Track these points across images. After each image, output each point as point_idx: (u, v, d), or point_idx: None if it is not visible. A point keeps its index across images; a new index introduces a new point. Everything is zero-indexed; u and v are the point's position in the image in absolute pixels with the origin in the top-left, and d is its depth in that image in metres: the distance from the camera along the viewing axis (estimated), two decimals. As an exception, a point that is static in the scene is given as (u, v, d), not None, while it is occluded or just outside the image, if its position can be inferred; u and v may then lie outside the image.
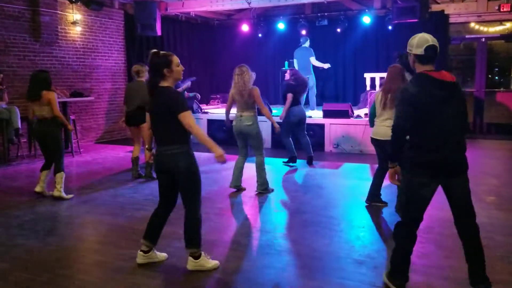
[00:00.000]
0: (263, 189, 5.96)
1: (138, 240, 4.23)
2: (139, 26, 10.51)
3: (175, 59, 3.57)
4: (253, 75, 5.89)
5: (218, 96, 12.64)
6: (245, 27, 12.96)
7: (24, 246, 4.18)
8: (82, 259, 3.88)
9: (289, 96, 7.34)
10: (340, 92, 12.83)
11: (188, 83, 8.77)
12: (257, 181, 5.98)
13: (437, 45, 3.16)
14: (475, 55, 11.79)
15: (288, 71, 8.09)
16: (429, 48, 3.11)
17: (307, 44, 10.79)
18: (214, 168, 7.20)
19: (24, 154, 8.55)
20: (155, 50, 3.68)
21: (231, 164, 7.67)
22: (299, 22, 12.44)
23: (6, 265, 3.73)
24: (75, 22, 9.77)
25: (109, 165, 7.82)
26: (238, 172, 6.03)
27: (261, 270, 3.64)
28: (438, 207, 5.26)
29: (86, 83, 10.19)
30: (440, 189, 3.38)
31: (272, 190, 6.08)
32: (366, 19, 11.58)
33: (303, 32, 12.28)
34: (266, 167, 6.05)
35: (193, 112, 10.24)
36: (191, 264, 3.61)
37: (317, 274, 3.53)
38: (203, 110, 10.68)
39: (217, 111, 10.96)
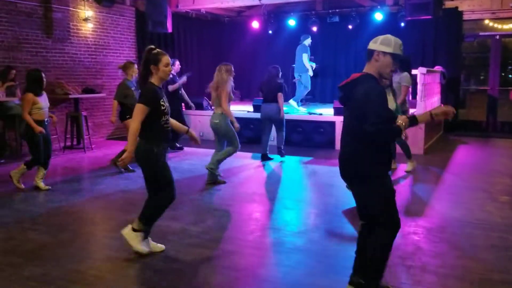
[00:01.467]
0: (211, 168, 6.12)
1: (150, 235, 4.25)
2: (150, 23, 10.51)
3: (165, 59, 3.72)
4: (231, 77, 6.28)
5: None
6: (255, 24, 12.92)
7: (37, 241, 4.20)
8: (93, 255, 3.89)
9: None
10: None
11: (184, 78, 8.77)
12: (211, 159, 6.21)
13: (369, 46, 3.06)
14: (489, 53, 11.64)
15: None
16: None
17: (306, 42, 10.65)
18: (234, 166, 7.19)
19: (36, 149, 8.61)
20: (151, 46, 3.84)
21: (240, 163, 7.66)
22: (310, 19, 12.37)
23: (20, 260, 3.75)
24: (86, 18, 9.81)
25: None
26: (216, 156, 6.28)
27: (271, 267, 3.63)
28: (451, 206, 5.22)
29: (98, 80, 10.23)
30: (450, 188, 3.32)
31: (221, 178, 6.25)
32: (378, 16, 11.47)
33: (314, 29, 12.22)
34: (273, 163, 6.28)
35: (202, 108, 10.23)
36: (127, 230, 3.77)
37: (328, 273, 3.50)
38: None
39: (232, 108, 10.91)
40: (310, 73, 10.65)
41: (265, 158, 7.74)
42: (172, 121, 3.98)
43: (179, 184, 6.18)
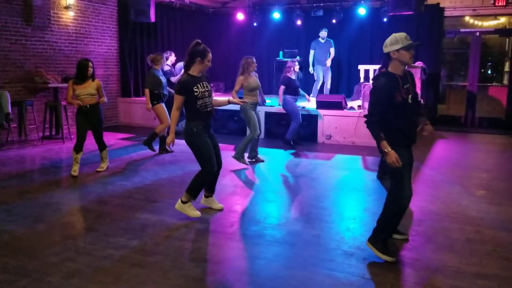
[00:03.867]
0: (236, 158, 6.84)
1: (126, 228, 4.23)
2: (133, 12, 10.38)
3: (210, 56, 4.51)
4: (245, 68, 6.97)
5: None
6: (240, 16, 12.85)
7: (12, 232, 4.14)
8: (70, 247, 3.84)
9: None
10: (334, 83, 12.80)
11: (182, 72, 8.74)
12: (237, 149, 6.97)
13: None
14: (469, 49, 11.80)
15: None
16: None
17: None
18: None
19: (14, 139, 8.46)
20: (198, 41, 4.52)
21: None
22: (294, 12, 12.36)
23: (-6, 252, 3.70)
24: (68, 6, 9.63)
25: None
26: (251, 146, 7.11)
27: (251, 260, 3.64)
28: (428, 200, 5.30)
29: (78, 69, 10.06)
30: (428, 182, 3.40)
31: (247, 165, 6.89)
32: (362, 11, 11.53)
33: (298, 22, 12.25)
34: (261, 156, 7.02)
35: None
36: (178, 204, 4.55)
37: (307, 265, 3.53)
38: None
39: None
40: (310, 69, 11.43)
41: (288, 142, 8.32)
42: (216, 99, 4.76)
43: (158, 177, 6.19)
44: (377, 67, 9.57)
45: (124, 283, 3.22)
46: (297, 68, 8.17)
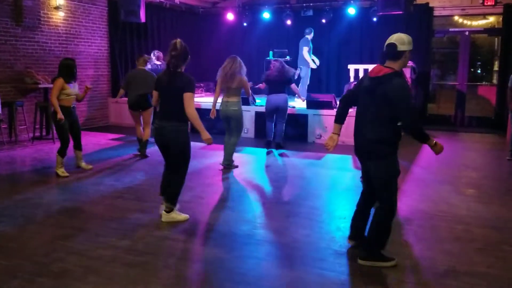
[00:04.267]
0: (227, 165, 6.64)
1: (117, 228, 4.23)
2: (123, 12, 10.34)
3: None
4: (244, 68, 6.65)
5: (202, 84, 12.53)
6: (230, 16, 12.86)
7: (3, 233, 4.12)
8: (61, 248, 3.83)
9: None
10: (323, 83, 12.86)
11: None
12: (224, 156, 6.69)
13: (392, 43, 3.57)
14: (458, 49, 11.90)
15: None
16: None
17: (309, 35, 10.95)
18: (198, 157, 7.18)
19: (4, 140, 8.40)
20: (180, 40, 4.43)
21: (212, 155, 7.66)
22: (284, 12, 12.40)
23: (-17, 253, 3.68)
24: (58, 7, 9.57)
25: (90, 153, 7.72)
26: (228, 150, 6.73)
27: (241, 259, 3.66)
28: (417, 199, 5.35)
29: (68, 69, 10.01)
30: (417, 181, 3.43)
31: (237, 166, 6.73)
32: (351, 10, 11.58)
33: (288, 22, 12.29)
34: (249, 156, 6.50)
35: None
36: (164, 216, 4.43)
37: (297, 265, 3.55)
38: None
39: (201, 100, 10.87)
40: (313, 65, 11.01)
41: (270, 145, 8.16)
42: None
43: (149, 176, 6.18)
44: (367, 66, 9.61)
45: (115, 283, 3.22)
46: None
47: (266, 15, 12.60)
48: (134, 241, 3.97)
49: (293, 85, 8.10)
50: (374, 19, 11.43)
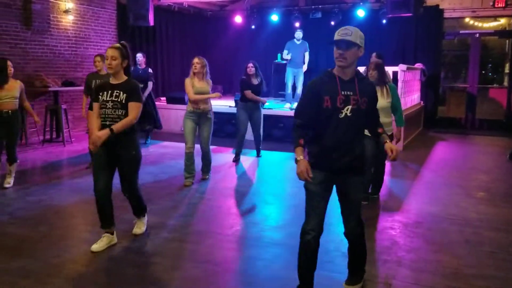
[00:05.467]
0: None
1: (126, 230, 4.25)
2: (132, 16, 10.42)
3: None
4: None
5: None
6: (238, 19, 12.89)
7: (15, 235, 4.16)
8: (72, 249, 3.86)
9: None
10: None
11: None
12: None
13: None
14: (468, 51, 11.83)
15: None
16: None
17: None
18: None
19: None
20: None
21: (221, 158, 7.68)
22: (292, 14, 12.39)
23: (-5, 254, 3.72)
24: (67, 10, 9.65)
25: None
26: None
27: (250, 261, 3.66)
28: (427, 202, 5.32)
29: (78, 72, 10.09)
30: (427, 184, 3.39)
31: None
32: (360, 13, 11.56)
33: (297, 24, 12.26)
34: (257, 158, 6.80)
35: (184, 103, 10.19)
36: (138, 229, 4.17)
37: (306, 267, 3.54)
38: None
39: (213, 103, 10.88)
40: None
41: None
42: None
43: (159, 178, 6.21)
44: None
45: (125, 284, 3.24)
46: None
47: (274, 17, 12.61)
48: (143, 242, 3.99)
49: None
50: (384, 21, 11.39)
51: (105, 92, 3.73)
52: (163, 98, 11.31)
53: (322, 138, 2.82)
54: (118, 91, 3.71)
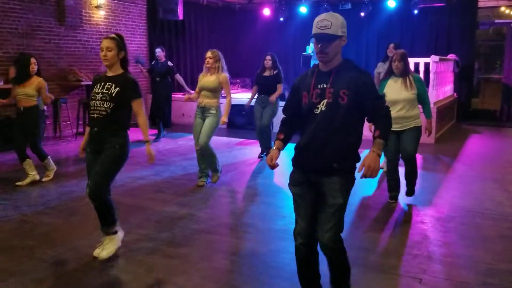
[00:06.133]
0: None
1: (157, 221, 4.32)
2: (161, 10, 10.53)
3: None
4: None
5: (238, 80, 12.59)
6: (266, 11, 12.85)
7: (50, 224, 4.29)
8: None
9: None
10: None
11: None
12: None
13: None
14: (504, 41, 11.45)
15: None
16: None
17: None
18: (228, 155, 7.22)
19: (49, 135, 8.75)
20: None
21: (248, 152, 7.69)
22: (321, 6, 12.24)
23: (33, 242, 3.84)
24: (98, 6, 9.84)
25: (132, 148, 7.90)
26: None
27: (277, 254, 3.66)
28: (459, 196, 5.20)
29: (109, 67, 10.28)
30: (460, 178, 3.30)
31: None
32: (391, 3, 11.33)
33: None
34: (283, 151, 6.11)
35: None
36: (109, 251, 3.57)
37: (334, 260, 3.52)
38: (222, 95, 10.67)
39: (236, 96, 10.93)
40: None
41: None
42: None
43: (187, 171, 6.27)
44: (415, 60, 9.35)
45: (155, 273, 3.30)
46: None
47: (303, 9, 12.49)
48: (173, 233, 4.05)
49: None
50: (415, 11, 11.14)
51: (99, 84, 3.50)
52: (192, 92, 11.39)
53: (300, 135, 2.65)
54: (110, 84, 3.46)
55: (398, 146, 4.74)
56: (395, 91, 4.67)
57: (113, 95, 3.44)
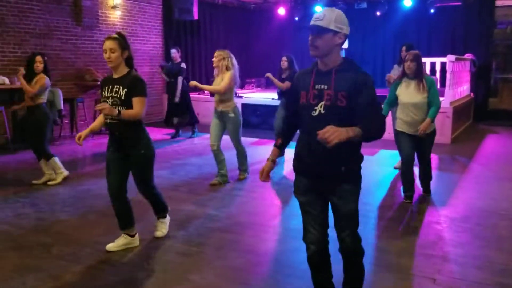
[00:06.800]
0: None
1: (173, 219, 4.36)
2: (176, 10, 10.62)
3: None
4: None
5: (253, 80, 12.62)
6: (281, 11, 12.85)
7: (66, 221, 4.37)
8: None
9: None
10: (378, 77, 12.57)
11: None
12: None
13: None
14: (522, 40, 11.28)
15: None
16: None
17: None
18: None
19: (66, 134, 8.88)
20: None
21: (265, 151, 7.71)
22: (337, 5, 12.18)
23: (50, 240, 3.92)
24: (115, 6, 9.95)
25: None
26: None
27: (291, 253, 3.68)
28: (475, 196, 5.15)
29: (125, 67, 10.39)
30: (476, 178, 3.27)
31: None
32: (407, 2, 11.24)
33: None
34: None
35: None
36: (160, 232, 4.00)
37: (348, 259, 3.52)
38: (237, 95, 10.72)
39: (252, 96, 10.97)
40: None
41: None
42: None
43: (203, 170, 6.32)
44: (424, 60, 9.30)
45: (170, 271, 3.35)
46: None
47: (318, 8, 12.44)
48: (188, 231, 4.09)
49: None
50: (432, 10, 11.04)
51: (107, 87, 3.48)
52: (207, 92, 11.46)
53: (299, 137, 2.54)
54: (118, 86, 3.42)
55: (413, 148, 4.76)
56: (408, 94, 4.67)
57: (123, 97, 3.41)
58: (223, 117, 5.51)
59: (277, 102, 7.78)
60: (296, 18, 12.92)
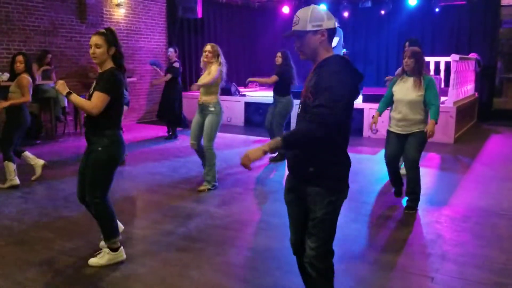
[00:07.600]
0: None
1: (173, 216, 4.39)
2: (180, 8, 10.65)
3: None
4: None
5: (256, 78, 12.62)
6: (285, 9, 12.85)
7: (69, 217, 4.41)
8: (122, 233, 4.03)
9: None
10: (381, 76, 12.56)
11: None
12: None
13: None
14: (528, 40, 11.23)
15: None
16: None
17: None
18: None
19: (70, 131, 8.93)
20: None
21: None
22: (341, 4, 12.21)
23: (51, 235, 3.96)
24: (119, 4, 9.98)
25: (149, 145, 8.04)
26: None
27: (290, 250, 3.65)
28: (476, 196, 5.15)
29: (129, 64, 10.41)
30: (477, 178, 3.24)
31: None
32: (412, 1, 11.23)
33: (346, 14, 12.07)
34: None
35: (230, 94, 10.30)
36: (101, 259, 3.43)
37: (347, 258, 3.54)
38: (241, 93, 10.74)
39: (255, 94, 10.98)
40: None
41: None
42: None
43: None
44: (428, 59, 9.26)
45: (170, 267, 3.37)
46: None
47: (322, 7, 12.44)
48: (188, 228, 4.12)
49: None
50: (436, 9, 11.02)
51: (93, 84, 3.34)
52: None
53: None
54: (95, 82, 3.29)
55: (397, 149, 4.57)
56: (402, 90, 4.47)
57: (91, 92, 3.26)
58: (203, 110, 5.22)
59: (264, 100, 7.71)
60: (300, 17, 12.91)
